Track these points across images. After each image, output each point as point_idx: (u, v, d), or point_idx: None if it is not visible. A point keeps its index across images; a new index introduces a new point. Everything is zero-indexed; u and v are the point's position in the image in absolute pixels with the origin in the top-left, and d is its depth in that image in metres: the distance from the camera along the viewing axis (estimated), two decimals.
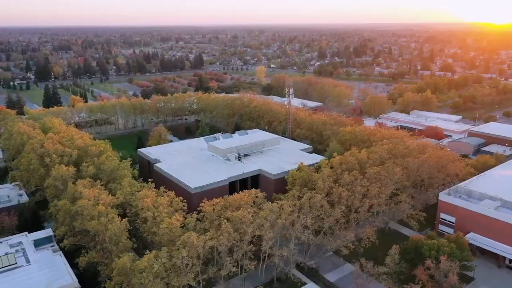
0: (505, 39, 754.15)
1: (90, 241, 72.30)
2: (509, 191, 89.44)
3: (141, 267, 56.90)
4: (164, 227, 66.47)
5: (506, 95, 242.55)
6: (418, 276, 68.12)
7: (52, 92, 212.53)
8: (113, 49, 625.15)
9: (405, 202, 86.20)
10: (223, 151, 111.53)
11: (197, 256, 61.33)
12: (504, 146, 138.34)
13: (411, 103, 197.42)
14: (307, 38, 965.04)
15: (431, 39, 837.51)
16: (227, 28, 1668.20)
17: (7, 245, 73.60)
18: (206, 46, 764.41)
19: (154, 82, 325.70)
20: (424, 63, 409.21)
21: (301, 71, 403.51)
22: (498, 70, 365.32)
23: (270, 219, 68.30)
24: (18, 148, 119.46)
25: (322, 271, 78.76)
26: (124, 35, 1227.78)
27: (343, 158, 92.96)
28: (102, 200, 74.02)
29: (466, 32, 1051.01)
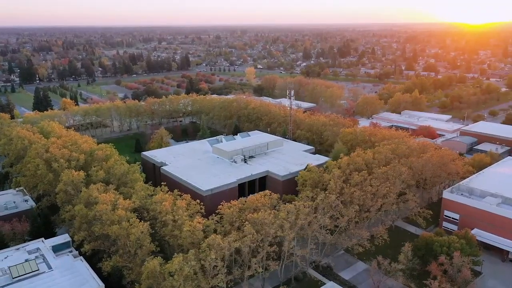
0: (482, 39, 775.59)
1: (111, 246, 72.59)
2: (508, 188, 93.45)
3: (171, 270, 57.71)
4: (187, 230, 67.40)
5: (490, 95, 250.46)
6: (433, 272, 70.83)
7: (42, 95, 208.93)
8: (96, 50, 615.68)
9: (412, 200, 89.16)
10: (229, 153, 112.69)
11: (221, 258, 62.55)
12: (495, 144, 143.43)
13: (402, 103, 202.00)
14: (290, 39, 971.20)
15: (411, 39, 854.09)
16: (208, 29, 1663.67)
17: (25, 251, 73.25)
18: (190, 46, 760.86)
19: (142, 83, 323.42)
20: (408, 63, 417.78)
21: (288, 72, 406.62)
22: (479, 70, 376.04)
23: (290, 220, 69.99)
24: (19, 153, 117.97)
25: (336, 270, 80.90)
26: (105, 36, 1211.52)
27: (350, 159, 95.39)
28: (120, 204, 74.34)
29: (444, 32, 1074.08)
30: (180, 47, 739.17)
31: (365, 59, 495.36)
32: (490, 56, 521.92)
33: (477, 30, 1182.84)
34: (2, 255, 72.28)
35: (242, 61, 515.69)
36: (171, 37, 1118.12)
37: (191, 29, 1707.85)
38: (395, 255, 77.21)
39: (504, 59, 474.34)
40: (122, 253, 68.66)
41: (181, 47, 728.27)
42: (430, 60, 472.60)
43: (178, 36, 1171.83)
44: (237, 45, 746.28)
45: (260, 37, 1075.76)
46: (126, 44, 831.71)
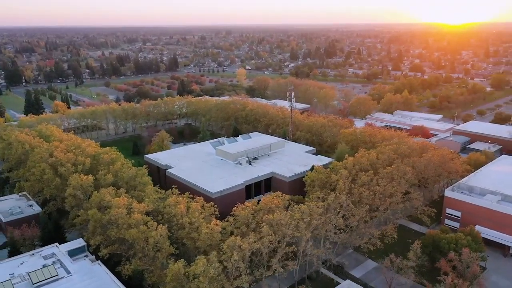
0: (463, 39, 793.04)
1: (128, 250, 73.02)
2: (507, 185, 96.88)
3: (197, 272, 58.63)
4: (206, 232, 68.38)
5: (477, 94, 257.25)
6: (443, 268, 73.27)
7: (34, 98, 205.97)
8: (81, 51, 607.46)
9: (417, 199, 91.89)
10: (233, 155, 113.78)
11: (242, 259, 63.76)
12: (487, 143, 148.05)
13: (394, 104, 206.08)
14: (275, 39, 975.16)
15: (395, 39, 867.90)
16: (192, 29, 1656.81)
17: (40, 257, 73.02)
18: (176, 47, 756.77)
19: (132, 85, 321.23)
20: (394, 64, 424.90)
21: (277, 73, 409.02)
22: (463, 70, 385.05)
23: (306, 220, 71.61)
24: (19, 158, 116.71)
25: (347, 268, 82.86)
26: (87, 36, 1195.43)
27: (355, 159, 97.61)
28: (135, 208, 74.74)
29: (425, 33, 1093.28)
30: (166, 48, 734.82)
31: (351, 60, 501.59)
32: (472, 56, 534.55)
33: (456, 30, 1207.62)
34: (17, 261, 71.96)
35: (230, 62, 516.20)
36: (156, 38, 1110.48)
37: (175, 29, 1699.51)
38: (401, 253, 79.41)
39: (486, 59, 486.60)
40: (141, 256, 69.19)
41: (167, 48, 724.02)
42: (415, 61, 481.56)
43: (162, 36, 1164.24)
44: (223, 45, 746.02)
45: (245, 37, 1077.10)
46: (111, 45, 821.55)
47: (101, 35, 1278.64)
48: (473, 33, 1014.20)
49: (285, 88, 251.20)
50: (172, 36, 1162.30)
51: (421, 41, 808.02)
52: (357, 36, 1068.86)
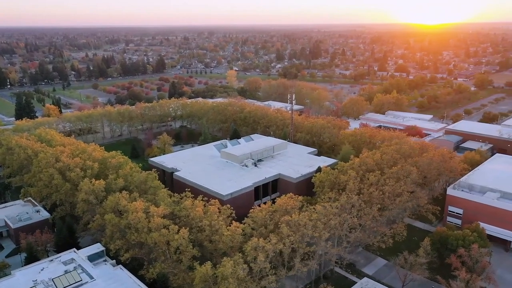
0: (443, 40, 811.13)
1: (148, 253, 73.72)
2: (505, 183, 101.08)
3: (226, 273, 59.95)
4: (227, 235, 69.71)
5: (462, 94, 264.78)
6: (453, 264, 76.39)
7: (25, 101, 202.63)
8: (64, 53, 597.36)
9: (423, 198, 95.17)
10: (239, 158, 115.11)
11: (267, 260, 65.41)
12: (478, 142, 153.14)
13: (385, 104, 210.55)
14: (258, 40, 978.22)
15: (376, 40, 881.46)
16: (174, 29, 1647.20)
17: (60, 262, 73.14)
18: (160, 48, 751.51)
19: (121, 87, 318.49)
20: (380, 65, 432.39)
21: (265, 74, 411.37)
22: (446, 70, 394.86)
23: (323, 221, 73.70)
24: (21, 163, 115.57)
25: (358, 266, 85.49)
26: (67, 37, 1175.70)
27: (362, 160, 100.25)
28: (154, 212, 75.39)
29: (405, 33, 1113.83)
30: (150, 49, 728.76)
31: (337, 61, 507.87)
32: (453, 56, 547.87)
33: (434, 30, 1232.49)
34: (37, 267, 71.95)
35: (217, 63, 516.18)
36: (138, 39, 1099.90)
37: (156, 29, 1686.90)
38: (408, 250, 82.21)
39: (466, 60, 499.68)
40: (164, 259, 70.05)
41: (151, 49, 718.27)
42: (399, 61, 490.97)
43: (144, 37, 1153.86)
44: (207, 46, 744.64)
45: (229, 38, 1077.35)
46: (93, 46, 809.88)
47: (81, 35, 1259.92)
48: (451, 33, 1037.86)
49: (276, 89, 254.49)
50: (154, 37, 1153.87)
51: (403, 42, 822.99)
52: (340, 37, 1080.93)
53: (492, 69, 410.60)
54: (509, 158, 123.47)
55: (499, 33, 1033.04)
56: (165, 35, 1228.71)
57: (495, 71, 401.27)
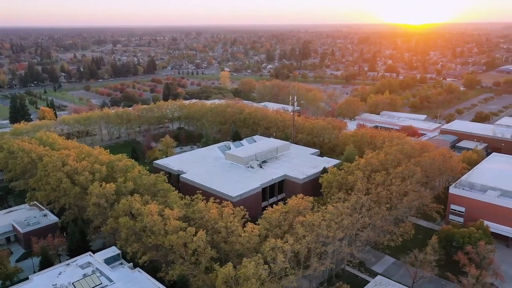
0: (429, 40, 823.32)
1: (165, 255, 74.46)
2: (504, 181, 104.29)
3: (248, 274, 61.14)
4: (245, 236, 70.92)
5: (453, 94, 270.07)
6: (461, 261, 78.88)
7: (19, 104, 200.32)
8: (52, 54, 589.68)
9: (428, 197, 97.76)
10: (245, 160, 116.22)
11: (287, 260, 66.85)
12: (473, 141, 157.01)
13: (380, 104, 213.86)
14: (246, 40, 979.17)
15: (364, 40, 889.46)
16: (161, 30, 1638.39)
17: (77, 266, 73.48)
18: (149, 49, 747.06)
19: (113, 89, 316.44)
20: (371, 65, 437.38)
21: (257, 74, 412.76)
22: (435, 70, 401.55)
23: (337, 221, 75.46)
24: (25, 167, 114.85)
25: (368, 264, 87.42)
26: (52, 38, 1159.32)
27: (367, 160, 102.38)
28: (170, 214, 76.10)
29: (391, 33, 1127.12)
30: (139, 49, 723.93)
31: (327, 61, 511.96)
32: (440, 56, 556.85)
33: (419, 31, 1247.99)
34: (54, 271, 72.24)
35: (207, 64, 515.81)
36: (125, 39, 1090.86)
37: (143, 30, 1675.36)
38: (414, 248, 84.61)
39: (453, 60, 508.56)
40: (183, 261, 70.91)
41: (140, 50, 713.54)
42: (388, 61, 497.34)
43: (132, 38, 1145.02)
44: (197, 47, 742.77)
45: (217, 38, 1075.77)
46: (81, 47, 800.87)
47: (67, 36, 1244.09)
48: (436, 33, 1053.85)
49: (271, 90, 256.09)
50: (141, 37, 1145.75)
51: (390, 42, 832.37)
52: (327, 37, 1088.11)
53: (479, 69, 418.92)
54: (505, 157, 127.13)
55: (482, 33, 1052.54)
56: (152, 36, 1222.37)
57: (481, 71, 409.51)
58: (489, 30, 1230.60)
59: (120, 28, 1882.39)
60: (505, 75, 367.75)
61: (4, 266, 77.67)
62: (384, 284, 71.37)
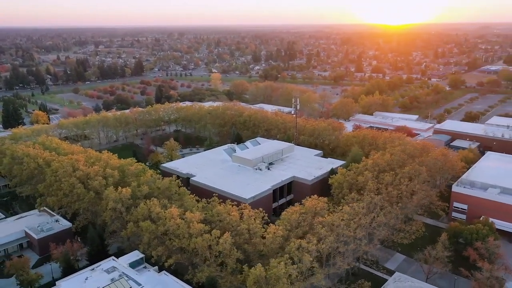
0: (410, 40, 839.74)
1: (189, 258, 75.76)
2: (503, 179, 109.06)
3: (279, 274, 63.15)
4: (269, 237, 72.92)
5: (440, 94, 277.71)
6: (472, 256, 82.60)
7: (12, 108, 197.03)
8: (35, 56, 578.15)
9: (432, 195, 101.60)
10: (253, 162, 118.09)
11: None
12: (466, 141, 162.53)
13: (373, 105, 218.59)
14: (230, 41, 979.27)
15: (347, 41, 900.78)
16: (143, 30, 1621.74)
17: (102, 271, 74.09)
18: (133, 50, 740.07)
19: (102, 91, 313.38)
20: (357, 66, 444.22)
21: (245, 75, 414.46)
22: (420, 71, 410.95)
23: (355, 220, 78.17)
24: (32, 173, 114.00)
25: (380, 262, 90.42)
26: (31, 38, 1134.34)
27: (374, 161, 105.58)
28: (191, 218, 77.44)
29: (372, 34, 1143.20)
30: (122, 50, 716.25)
31: (314, 62, 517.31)
32: (422, 57, 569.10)
33: (398, 31, 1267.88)
34: (80, 277, 72.77)
35: (194, 65, 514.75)
36: (107, 40, 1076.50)
37: (124, 30, 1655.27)
38: (422, 244, 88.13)
39: (435, 60, 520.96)
40: (209, 263, 72.41)
41: (124, 51, 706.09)
42: (373, 62, 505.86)
43: (114, 38, 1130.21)
44: (181, 48, 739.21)
45: (200, 39, 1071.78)
46: (63, 48, 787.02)
47: (46, 37, 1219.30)
48: (415, 34, 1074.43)
49: (264, 91, 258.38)
50: (124, 38, 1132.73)
51: (372, 43, 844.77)
52: (310, 38, 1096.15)
53: (461, 69, 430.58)
54: (500, 156, 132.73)
55: (460, 33, 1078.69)
56: (133, 36, 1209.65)
57: (464, 71, 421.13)
58: (465, 31, 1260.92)
59: (100, 29, 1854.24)
60: (487, 75, 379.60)
61: (26, 272, 77.65)
62: (403, 280, 74.41)
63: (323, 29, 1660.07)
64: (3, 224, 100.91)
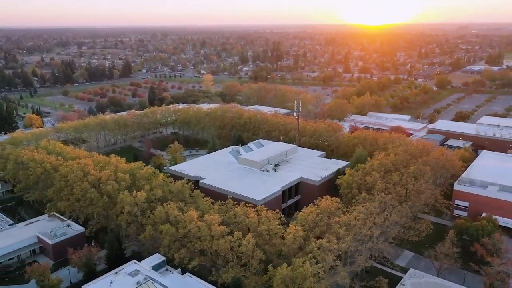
0: (392, 40, 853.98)
1: (210, 260, 77.23)
2: (501, 177, 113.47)
3: (306, 273, 65.26)
4: (290, 237, 75.00)
5: (428, 95, 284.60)
6: (479, 252, 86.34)
7: (6, 112, 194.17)
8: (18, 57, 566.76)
9: (437, 194, 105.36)
10: (259, 164, 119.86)
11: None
12: (459, 140, 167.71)
13: (366, 105, 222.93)
14: (215, 42, 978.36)
15: (331, 41, 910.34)
16: (125, 31, 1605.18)
17: (125, 274, 74.77)
18: (118, 51, 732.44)
19: (93, 93, 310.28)
20: (345, 67, 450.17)
21: (234, 77, 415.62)
22: (406, 71, 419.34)
23: (370, 220, 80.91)
24: (39, 178, 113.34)
25: (390, 259, 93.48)
26: (10, 39, 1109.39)
27: (380, 161, 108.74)
28: (211, 220, 78.94)
29: (354, 34, 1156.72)
30: (107, 51, 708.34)
31: (301, 63, 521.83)
32: (406, 57, 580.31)
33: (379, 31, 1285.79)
34: (105, 280, 73.30)
35: (182, 66, 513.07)
36: (90, 41, 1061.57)
37: (105, 30, 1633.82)
38: (428, 241, 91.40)
39: (419, 60, 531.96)
40: (233, 264, 74.04)
41: (108, 52, 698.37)
42: (359, 63, 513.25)
43: (96, 39, 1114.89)
44: (167, 49, 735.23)
45: (185, 40, 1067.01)
46: (45, 49, 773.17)
47: (26, 37, 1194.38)
48: (396, 34, 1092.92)
49: (257, 93, 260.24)
50: (107, 39, 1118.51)
51: (356, 43, 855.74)
52: (294, 38, 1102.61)
53: (445, 69, 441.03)
54: (495, 154, 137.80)
55: (440, 34, 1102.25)
56: (115, 37, 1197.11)
57: (448, 71, 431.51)
58: (445, 31, 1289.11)
59: (80, 29, 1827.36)
60: (470, 75, 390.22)
61: (47, 278, 77.86)
62: (418, 276, 77.49)
63: (305, 29, 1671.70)
64: (14, 230, 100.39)
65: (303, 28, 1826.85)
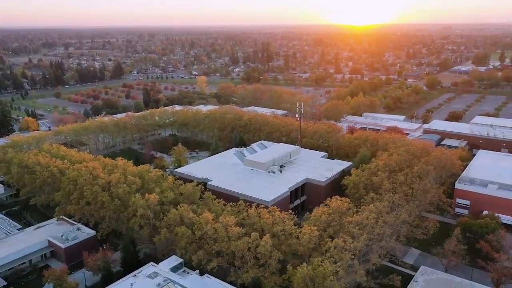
0: (379, 41, 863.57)
1: (227, 260, 78.51)
2: (499, 175, 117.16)
3: (326, 272, 67.06)
4: (307, 238, 76.75)
5: (419, 95, 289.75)
6: (484, 248, 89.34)
7: (1, 115, 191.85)
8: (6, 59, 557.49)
9: (440, 192, 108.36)
10: (265, 165, 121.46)
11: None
12: (454, 139, 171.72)
13: (361, 106, 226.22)
14: (204, 42, 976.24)
15: (319, 42, 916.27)
16: (111, 31, 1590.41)
17: (144, 277, 75.64)
18: (107, 52, 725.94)
19: (86, 95, 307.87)
20: (336, 67, 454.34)
21: (226, 78, 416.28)
22: (396, 71, 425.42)
23: (383, 219, 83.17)
24: (45, 182, 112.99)
25: (398, 257, 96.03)
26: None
27: (385, 161, 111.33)
28: (227, 222, 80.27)
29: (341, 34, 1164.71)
30: (95, 52, 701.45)
31: (292, 63, 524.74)
32: (394, 58, 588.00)
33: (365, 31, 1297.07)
34: (125, 283, 74.08)
35: (173, 67, 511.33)
36: (76, 41, 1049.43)
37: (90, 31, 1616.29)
38: (433, 239, 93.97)
39: (408, 61, 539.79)
40: (251, 265, 75.46)
41: (96, 53, 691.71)
42: (349, 63, 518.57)
43: (82, 40, 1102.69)
44: (156, 50, 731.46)
45: (173, 40, 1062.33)
46: (32, 50, 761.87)
47: (9, 38, 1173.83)
48: (382, 34, 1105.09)
49: (253, 94, 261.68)
50: (93, 40, 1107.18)
51: (344, 44, 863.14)
52: (282, 39, 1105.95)
53: (434, 70, 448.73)
54: (493, 154, 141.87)
55: (425, 34, 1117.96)
56: (101, 37, 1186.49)
57: (436, 71, 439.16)
58: (429, 31, 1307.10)
59: (65, 29, 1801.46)
60: (458, 75, 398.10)
61: (65, 281, 78.19)
62: (429, 273, 79.98)
63: (292, 29, 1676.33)
64: (23, 234, 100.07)
65: (289, 28, 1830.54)
